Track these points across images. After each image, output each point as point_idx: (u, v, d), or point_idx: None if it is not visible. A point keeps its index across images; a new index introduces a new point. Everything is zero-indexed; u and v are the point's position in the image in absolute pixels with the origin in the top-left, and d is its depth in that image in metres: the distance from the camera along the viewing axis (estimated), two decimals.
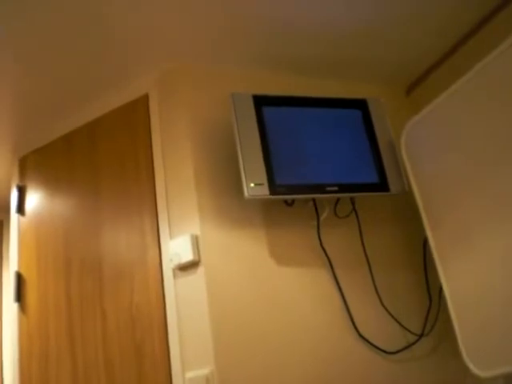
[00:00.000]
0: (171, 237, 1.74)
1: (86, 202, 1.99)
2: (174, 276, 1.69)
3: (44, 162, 2.17)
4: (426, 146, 1.69)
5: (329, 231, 1.84)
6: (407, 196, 1.90)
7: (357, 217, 1.88)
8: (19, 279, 2.06)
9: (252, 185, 1.61)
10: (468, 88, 1.54)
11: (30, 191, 2.18)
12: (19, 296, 2.04)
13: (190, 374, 1.56)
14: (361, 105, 1.88)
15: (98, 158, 2.01)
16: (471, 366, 1.48)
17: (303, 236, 1.81)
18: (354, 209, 1.87)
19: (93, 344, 1.80)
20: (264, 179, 1.64)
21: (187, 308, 1.64)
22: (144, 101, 1.96)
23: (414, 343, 1.79)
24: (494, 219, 1.43)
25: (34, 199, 2.15)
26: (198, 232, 1.69)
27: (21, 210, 2.17)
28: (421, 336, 1.81)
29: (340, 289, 1.78)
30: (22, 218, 2.16)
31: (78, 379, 1.79)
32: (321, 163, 1.75)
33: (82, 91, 2.00)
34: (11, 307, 2.06)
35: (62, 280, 1.94)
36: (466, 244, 1.53)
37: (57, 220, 2.05)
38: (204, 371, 1.54)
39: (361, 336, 1.73)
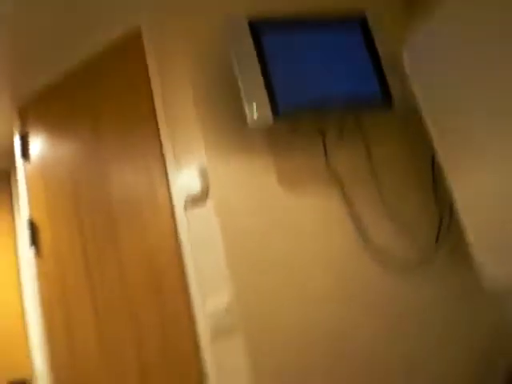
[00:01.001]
0: (178, 171, 1.73)
1: (89, 144, 1.98)
2: (186, 210, 1.70)
3: (43, 108, 2.14)
4: (429, 54, 1.63)
5: (335, 153, 1.82)
6: (412, 115, 1.86)
7: (363, 137, 1.85)
8: (32, 227, 2.08)
9: (255, 113, 1.59)
10: None
11: (32, 138, 2.16)
12: (34, 241, 2.06)
13: (209, 303, 1.61)
14: (360, 19, 1.80)
15: (97, 99, 1.98)
16: (483, 267, 1.49)
17: (310, 160, 1.79)
18: (358, 128, 1.84)
19: (111, 283, 1.83)
20: (267, 106, 1.61)
21: (201, 240, 1.66)
22: (137, 33, 1.88)
23: (425, 260, 1.81)
24: (499, 121, 1.41)
25: (38, 145, 2.14)
26: (205, 164, 1.68)
27: (25, 155, 2.17)
28: (433, 252, 1.82)
29: (350, 207, 1.77)
30: (27, 164, 2.16)
31: (100, 318, 1.84)
32: (324, 86, 1.70)
33: (75, 31, 1.95)
34: (28, 254, 2.10)
35: (74, 223, 1.96)
36: (474, 149, 1.51)
37: (62, 164, 2.04)
38: (223, 299, 1.58)
39: (373, 252, 1.75)
